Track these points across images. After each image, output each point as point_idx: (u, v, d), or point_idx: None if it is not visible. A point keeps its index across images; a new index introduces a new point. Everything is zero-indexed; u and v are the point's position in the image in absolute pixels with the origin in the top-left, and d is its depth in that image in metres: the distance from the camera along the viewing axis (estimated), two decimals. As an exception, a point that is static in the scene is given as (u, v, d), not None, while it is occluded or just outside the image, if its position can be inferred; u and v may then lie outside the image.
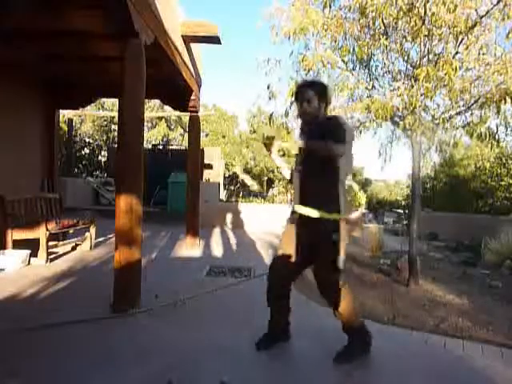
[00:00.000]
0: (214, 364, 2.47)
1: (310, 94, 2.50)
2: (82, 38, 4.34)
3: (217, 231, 8.66)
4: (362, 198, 12.01)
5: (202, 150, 11.74)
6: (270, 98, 4.76)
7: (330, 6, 4.44)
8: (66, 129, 13.85)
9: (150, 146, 15.12)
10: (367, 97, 4.51)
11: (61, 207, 6.17)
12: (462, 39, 4.01)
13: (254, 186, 16.83)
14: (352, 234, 7.56)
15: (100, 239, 6.46)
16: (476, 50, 4.05)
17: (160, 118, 21.52)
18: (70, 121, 14.07)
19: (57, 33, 4.28)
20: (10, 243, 4.86)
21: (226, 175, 19.08)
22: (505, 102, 3.78)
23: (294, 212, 2.59)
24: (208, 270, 4.94)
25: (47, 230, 4.94)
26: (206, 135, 22.90)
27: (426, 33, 4.00)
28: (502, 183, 10.31)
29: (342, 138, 2.33)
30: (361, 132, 4.82)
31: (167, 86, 5.97)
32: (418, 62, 4.27)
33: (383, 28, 4.25)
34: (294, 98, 2.79)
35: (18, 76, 5.86)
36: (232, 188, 19.75)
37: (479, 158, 11.34)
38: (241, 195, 15.89)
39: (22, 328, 2.88)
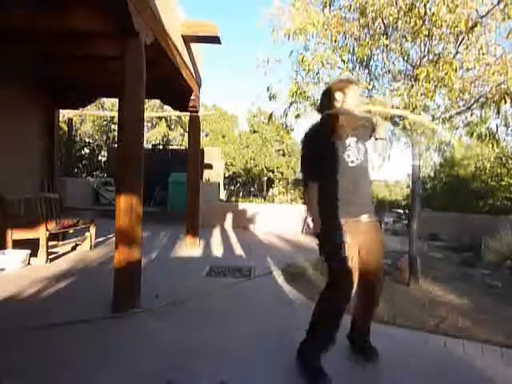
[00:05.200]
0: (213, 364, 2.47)
1: None
2: (81, 37, 4.34)
3: (217, 231, 8.66)
4: None
5: (202, 149, 11.74)
6: (270, 99, 4.77)
7: (330, 6, 4.44)
8: (66, 129, 13.85)
9: (150, 146, 15.13)
10: (367, 97, 4.51)
11: (61, 207, 6.17)
12: (462, 39, 4.01)
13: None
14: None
15: (100, 239, 6.46)
16: (476, 50, 4.05)
17: (160, 118, 21.53)
18: (70, 121, 14.06)
19: (57, 33, 4.28)
20: (9, 243, 4.86)
21: (226, 175, 19.09)
22: (505, 102, 3.77)
23: None
24: (208, 270, 4.94)
25: (47, 230, 4.94)
26: (206, 135, 22.91)
27: (426, 33, 3.99)
28: (502, 183, 10.28)
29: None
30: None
31: (167, 85, 5.97)
32: (417, 62, 4.27)
33: (383, 28, 4.25)
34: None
35: (18, 76, 5.86)
36: (232, 188, 19.76)
37: (479, 157, 11.32)
38: (241, 195, 15.89)
39: (22, 328, 2.89)
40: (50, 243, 5.11)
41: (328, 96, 2.53)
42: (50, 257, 5.05)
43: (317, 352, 2.32)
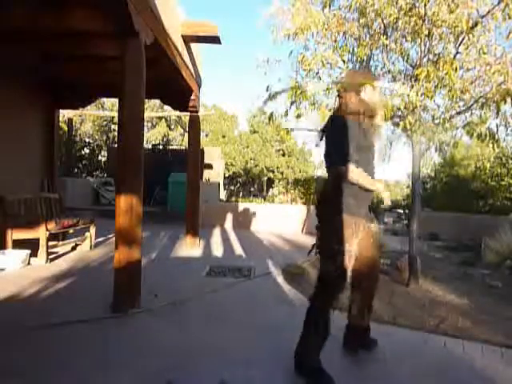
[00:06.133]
0: (213, 364, 2.47)
1: None
2: (81, 37, 4.34)
3: (217, 231, 8.66)
4: None
5: (202, 149, 11.74)
6: (270, 99, 4.76)
7: (330, 6, 4.44)
8: (66, 129, 13.85)
9: (149, 146, 15.13)
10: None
11: (61, 207, 6.17)
12: (463, 39, 4.00)
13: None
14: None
15: (100, 239, 6.46)
16: (476, 50, 4.05)
17: (160, 118, 21.54)
18: (70, 121, 14.07)
19: (57, 33, 4.28)
20: (9, 243, 4.86)
21: (226, 175, 19.09)
22: (505, 102, 3.77)
23: None
24: (208, 269, 4.94)
25: (47, 230, 4.94)
26: (206, 135, 22.91)
27: (426, 33, 3.99)
28: (502, 183, 10.29)
29: None
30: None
31: (167, 86, 5.97)
32: (417, 62, 4.27)
33: (383, 28, 4.25)
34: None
35: (18, 76, 5.86)
36: (232, 188, 19.76)
37: (479, 157, 11.33)
38: (241, 195, 15.88)
39: (22, 328, 2.88)
40: (50, 243, 5.11)
41: (358, 81, 2.50)
42: (50, 257, 5.05)
43: (312, 351, 2.32)
